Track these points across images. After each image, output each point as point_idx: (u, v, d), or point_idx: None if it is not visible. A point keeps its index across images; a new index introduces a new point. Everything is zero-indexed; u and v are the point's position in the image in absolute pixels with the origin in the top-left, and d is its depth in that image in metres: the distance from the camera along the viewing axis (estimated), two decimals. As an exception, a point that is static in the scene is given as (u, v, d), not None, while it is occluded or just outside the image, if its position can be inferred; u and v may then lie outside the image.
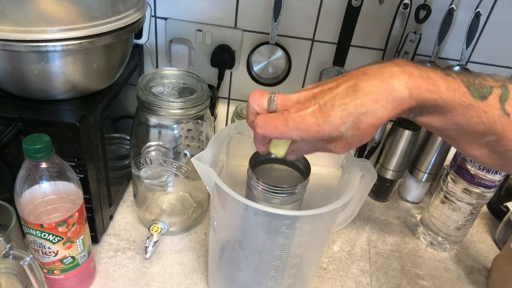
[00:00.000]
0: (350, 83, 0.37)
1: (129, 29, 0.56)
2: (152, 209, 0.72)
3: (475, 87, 0.37)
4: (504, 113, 0.37)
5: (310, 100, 0.38)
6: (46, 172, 0.49)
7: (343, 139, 0.38)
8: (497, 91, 0.37)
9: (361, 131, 0.37)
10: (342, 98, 0.36)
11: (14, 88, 0.56)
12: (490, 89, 0.37)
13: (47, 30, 0.48)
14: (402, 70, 0.36)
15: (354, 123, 0.37)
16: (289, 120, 0.38)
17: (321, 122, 0.37)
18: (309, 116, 0.37)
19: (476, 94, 0.37)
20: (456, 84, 0.37)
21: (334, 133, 0.37)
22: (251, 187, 0.51)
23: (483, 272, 0.72)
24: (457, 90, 0.36)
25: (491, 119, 0.37)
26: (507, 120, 0.37)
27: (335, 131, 0.37)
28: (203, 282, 0.63)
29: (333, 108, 0.36)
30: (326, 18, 0.76)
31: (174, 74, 0.65)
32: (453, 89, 0.36)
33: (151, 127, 0.62)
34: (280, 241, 0.47)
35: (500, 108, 0.37)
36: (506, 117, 0.37)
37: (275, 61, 0.80)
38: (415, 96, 0.36)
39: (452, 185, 0.69)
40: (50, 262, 0.54)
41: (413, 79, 0.36)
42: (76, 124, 0.53)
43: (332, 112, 0.36)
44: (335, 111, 0.36)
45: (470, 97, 0.37)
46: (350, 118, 0.36)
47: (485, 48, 0.77)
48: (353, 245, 0.74)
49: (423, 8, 0.71)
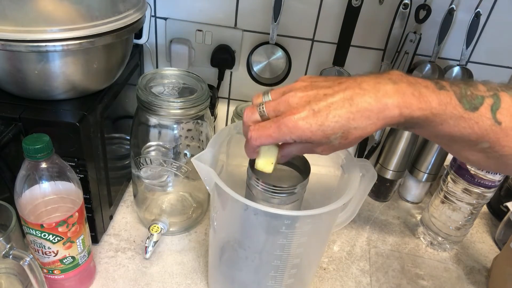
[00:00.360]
0: (346, 95, 0.38)
1: (129, 29, 0.56)
2: (152, 209, 0.72)
3: (467, 99, 0.38)
4: (496, 122, 0.38)
5: (303, 105, 0.38)
6: (46, 172, 0.49)
7: (330, 145, 0.40)
8: (488, 101, 0.38)
9: (348, 141, 0.39)
10: (336, 109, 0.37)
11: (14, 88, 0.56)
12: (482, 99, 0.38)
13: (47, 30, 0.48)
14: (395, 89, 0.37)
15: (344, 134, 0.38)
16: (281, 125, 0.39)
17: (314, 129, 0.38)
18: (302, 120, 0.38)
19: (467, 106, 0.38)
20: (449, 97, 0.38)
21: (323, 140, 0.39)
22: (251, 186, 0.51)
23: (483, 272, 0.72)
24: (449, 104, 0.38)
25: (483, 129, 0.38)
26: (499, 128, 0.38)
27: (325, 139, 0.39)
28: (203, 282, 0.63)
29: (327, 118, 0.37)
30: (326, 18, 0.76)
31: (174, 74, 0.65)
32: (445, 103, 0.38)
33: (151, 127, 0.62)
34: (280, 241, 0.47)
35: (491, 117, 0.38)
36: (498, 126, 0.38)
37: (275, 61, 0.80)
38: (405, 115, 0.37)
39: (452, 185, 0.69)
40: (50, 262, 0.54)
41: (405, 98, 0.37)
42: (76, 124, 0.53)
43: (326, 122, 0.37)
44: (329, 121, 0.37)
45: (462, 109, 0.38)
46: (341, 130, 0.38)
47: (485, 48, 0.77)
48: (353, 245, 0.74)
49: (423, 8, 0.71)
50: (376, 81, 0.38)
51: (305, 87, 0.40)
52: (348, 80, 0.39)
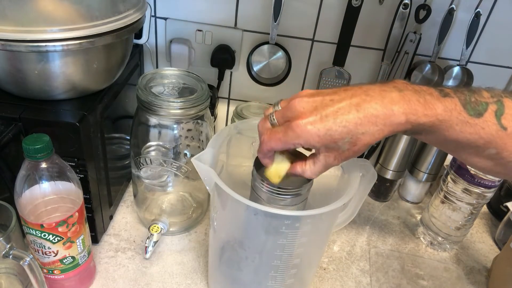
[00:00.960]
0: (353, 101, 0.38)
1: (129, 29, 0.56)
2: (152, 209, 0.72)
3: (472, 105, 0.38)
4: (501, 127, 0.38)
5: (311, 110, 0.39)
6: (46, 172, 0.49)
7: (339, 151, 0.40)
8: (492, 107, 0.39)
9: (357, 147, 0.40)
10: (344, 114, 0.38)
11: (14, 88, 0.56)
12: (486, 106, 0.39)
13: (47, 30, 0.48)
14: (401, 96, 0.38)
15: (352, 140, 0.39)
16: (289, 130, 0.40)
17: (322, 133, 0.39)
18: (309, 124, 0.39)
19: (472, 112, 0.38)
20: (453, 103, 0.38)
21: (331, 145, 0.39)
22: (256, 188, 0.50)
23: (483, 272, 0.72)
24: (454, 110, 0.38)
25: (489, 134, 0.38)
26: (505, 134, 0.38)
27: (333, 144, 0.39)
28: (203, 282, 0.63)
29: (335, 122, 0.38)
30: (326, 18, 0.76)
31: (174, 74, 0.65)
32: (450, 109, 0.38)
33: (151, 127, 0.62)
34: (280, 241, 0.47)
35: (496, 123, 0.38)
36: (504, 131, 0.38)
37: (275, 61, 0.80)
38: (412, 121, 0.38)
39: (452, 185, 0.69)
40: (50, 262, 0.54)
41: (411, 105, 0.38)
42: (76, 124, 0.53)
43: (334, 127, 0.38)
44: (336, 125, 0.38)
45: (466, 115, 0.38)
46: (348, 135, 0.38)
47: (485, 48, 0.77)
48: (353, 245, 0.74)
49: (423, 8, 0.71)
50: (381, 88, 0.39)
51: (311, 94, 0.41)
52: (353, 88, 0.40)
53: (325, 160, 0.42)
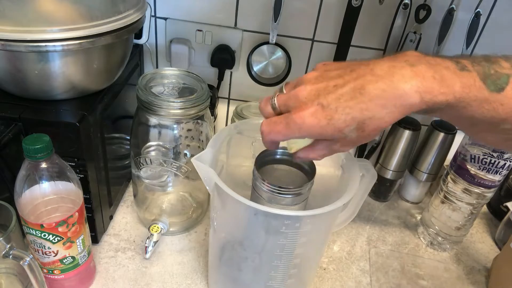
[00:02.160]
0: (357, 84, 0.35)
1: (129, 29, 0.56)
2: (152, 209, 0.72)
3: (492, 79, 0.35)
4: None
5: (312, 99, 0.37)
6: (46, 172, 0.49)
7: (347, 139, 0.37)
8: None
9: (366, 132, 0.36)
10: (347, 101, 0.35)
11: (14, 88, 0.56)
12: (507, 78, 0.35)
13: (47, 30, 0.48)
14: (413, 72, 0.34)
15: (359, 126, 0.36)
16: (290, 122, 0.37)
17: (324, 124, 0.36)
18: (310, 116, 0.36)
19: (493, 87, 0.34)
20: (472, 78, 0.35)
21: (337, 135, 0.37)
22: (256, 187, 0.50)
23: (483, 272, 0.72)
24: (473, 86, 0.34)
25: (507, 110, 0.35)
26: None
27: (338, 133, 0.36)
28: (203, 282, 0.63)
29: (336, 111, 0.35)
30: (326, 18, 0.76)
31: (174, 74, 0.65)
32: (468, 85, 0.34)
33: (151, 127, 0.62)
34: (280, 241, 0.47)
35: None
36: None
37: (275, 61, 0.80)
38: (427, 100, 0.34)
39: (452, 185, 0.69)
40: (50, 262, 0.54)
41: (425, 82, 0.34)
42: (76, 124, 0.53)
43: (336, 115, 0.35)
44: (338, 114, 0.35)
45: (486, 91, 0.34)
46: (354, 122, 0.35)
47: (485, 48, 0.77)
48: (353, 245, 0.74)
49: (423, 8, 0.71)
50: (390, 64, 0.35)
51: (316, 78, 0.38)
52: (360, 67, 0.37)
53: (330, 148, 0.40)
